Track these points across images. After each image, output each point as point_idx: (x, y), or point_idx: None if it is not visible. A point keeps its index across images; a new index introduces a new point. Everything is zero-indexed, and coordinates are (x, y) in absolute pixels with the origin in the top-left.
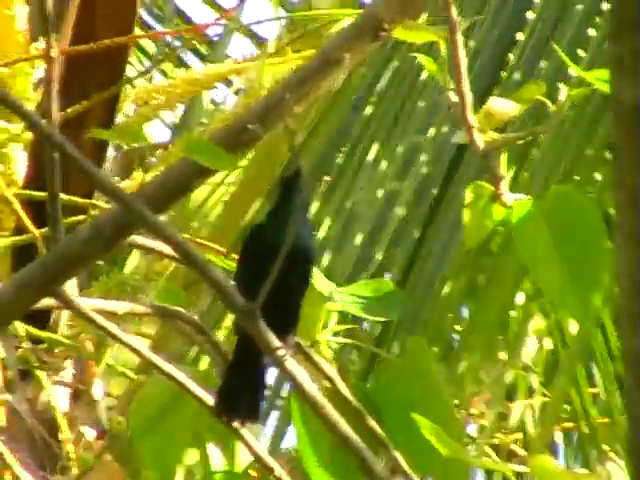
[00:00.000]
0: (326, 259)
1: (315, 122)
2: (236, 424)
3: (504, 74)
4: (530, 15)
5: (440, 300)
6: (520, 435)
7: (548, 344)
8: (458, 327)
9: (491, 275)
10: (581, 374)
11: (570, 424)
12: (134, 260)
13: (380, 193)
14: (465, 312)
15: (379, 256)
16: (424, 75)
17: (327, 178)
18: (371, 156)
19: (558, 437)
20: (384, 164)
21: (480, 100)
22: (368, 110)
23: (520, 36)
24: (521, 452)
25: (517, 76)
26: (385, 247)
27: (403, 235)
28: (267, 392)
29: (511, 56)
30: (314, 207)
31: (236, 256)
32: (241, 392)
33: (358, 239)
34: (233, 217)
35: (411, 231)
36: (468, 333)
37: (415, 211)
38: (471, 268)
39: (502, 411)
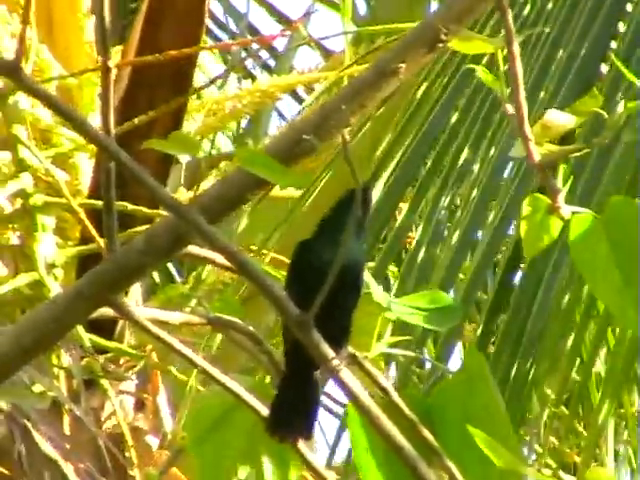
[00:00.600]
0: (418, 264)
1: (398, 130)
2: (289, 440)
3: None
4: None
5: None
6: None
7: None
8: None
9: None
10: None
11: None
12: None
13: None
14: None
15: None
16: None
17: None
18: (460, 163)
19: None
20: (475, 170)
21: None
22: (454, 118)
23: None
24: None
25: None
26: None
27: (497, 244)
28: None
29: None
30: (403, 213)
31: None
32: (294, 407)
33: (452, 244)
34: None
35: (505, 239)
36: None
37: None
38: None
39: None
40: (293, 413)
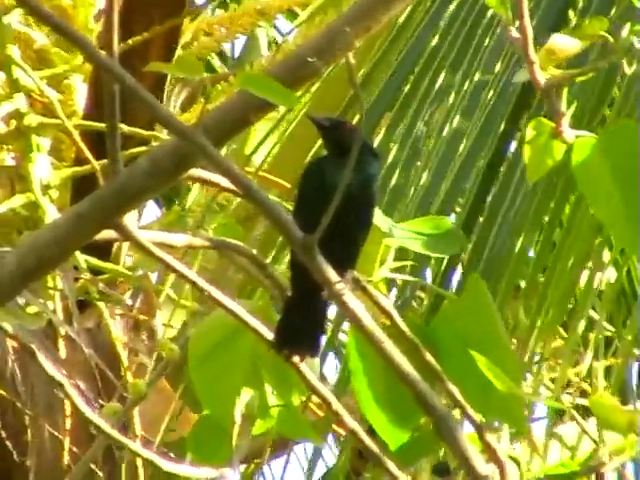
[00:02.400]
0: (391, 191)
1: (379, 54)
2: (295, 359)
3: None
4: None
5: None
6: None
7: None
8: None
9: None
10: None
11: None
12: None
13: (446, 127)
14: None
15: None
16: (490, 10)
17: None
18: (437, 87)
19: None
20: (451, 97)
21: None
22: (433, 42)
23: None
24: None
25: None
26: (451, 181)
27: (469, 170)
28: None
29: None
30: (379, 137)
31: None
32: (301, 327)
33: (424, 172)
34: (296, 152)
35: (477, 166)
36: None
37: (481, 145)
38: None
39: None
40: (299, 333)
